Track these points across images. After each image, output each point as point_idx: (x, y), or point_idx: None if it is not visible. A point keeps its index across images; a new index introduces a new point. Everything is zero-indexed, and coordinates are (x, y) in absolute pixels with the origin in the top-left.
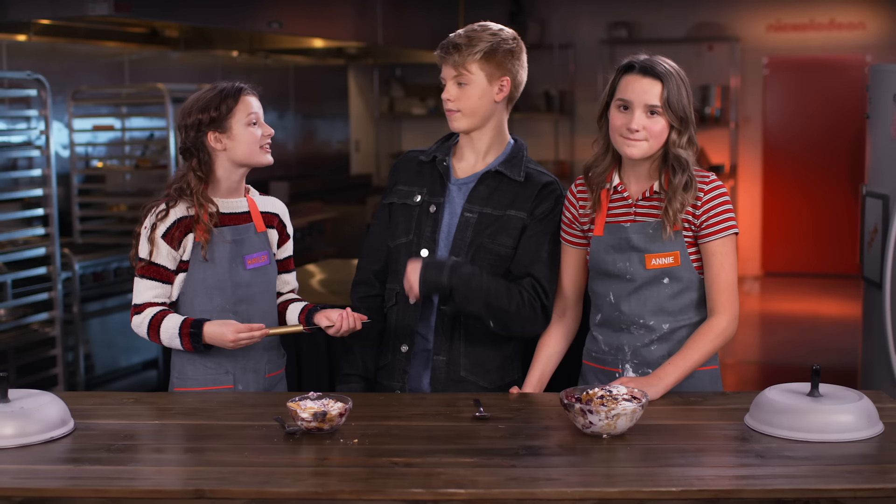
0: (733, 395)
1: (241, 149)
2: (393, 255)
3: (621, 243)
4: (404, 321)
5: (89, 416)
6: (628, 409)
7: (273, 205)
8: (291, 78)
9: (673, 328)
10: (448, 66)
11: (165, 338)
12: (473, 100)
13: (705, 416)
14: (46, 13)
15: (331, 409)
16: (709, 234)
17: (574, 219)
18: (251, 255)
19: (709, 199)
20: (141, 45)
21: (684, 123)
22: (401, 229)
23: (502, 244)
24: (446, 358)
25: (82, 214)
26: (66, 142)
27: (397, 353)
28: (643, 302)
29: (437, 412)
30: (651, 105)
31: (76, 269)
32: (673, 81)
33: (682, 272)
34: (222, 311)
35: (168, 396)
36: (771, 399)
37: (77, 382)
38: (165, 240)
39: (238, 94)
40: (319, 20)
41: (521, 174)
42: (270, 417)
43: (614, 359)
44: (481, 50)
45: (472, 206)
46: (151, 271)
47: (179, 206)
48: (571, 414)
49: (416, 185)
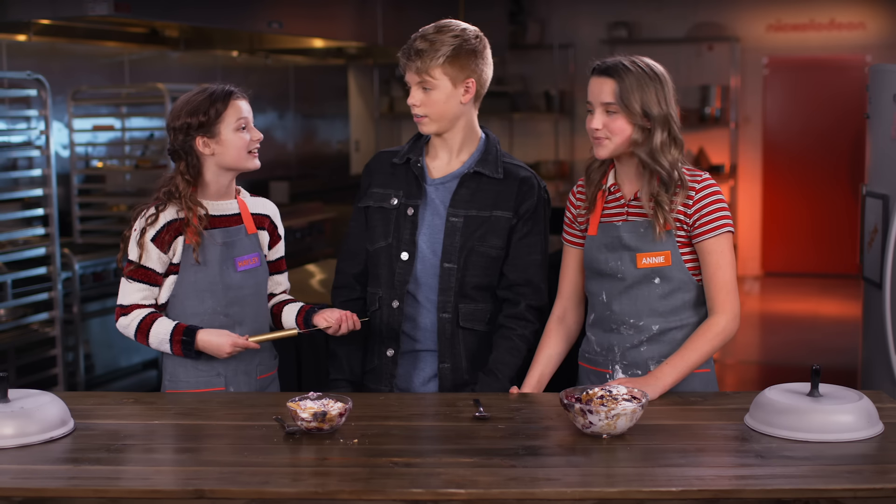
0: (733, 395)
1: (230, 154)
2: (373, 259)
3: (613, 242)
4: (388, 325)
5: (89, 416)
6: (628, 410)
7: (264, 206)
8: (291, 78)
9: (663, 329)
10: (411, 71)
11: (154, 342)
12: (440, 104)
13: (705, 416)
14: (46, 13)
15: (331, 409)
16: (702, 234)
17: (575, 218)
18: (242, 257)
19: (700, 197)
20: (141, 45)
21: (655, 122)
22: (379, 233)
23: (493, 245)
24: (450, 364)
25: (82, 214)
26: (66, 142)
27: (383, 358)
28: (633, 301)
29: (437, 412)
30: (605, 103)
31: (76, 268)
32: (630, 78)
33: (673, 272)
34: (213, 313)
35: (167, 397)
36: (771, 399)
37: (77, 382)
38: (155, 243)
39: (227, 99)
40: (319, 20)
41: (500, 170)
42: (270, 417)
43: (605, 359)
44: (444, 54)
45: (456, 211)
46: (140, 274)
47: (169, 210)
48: (571, 414)
49: (391, 188)
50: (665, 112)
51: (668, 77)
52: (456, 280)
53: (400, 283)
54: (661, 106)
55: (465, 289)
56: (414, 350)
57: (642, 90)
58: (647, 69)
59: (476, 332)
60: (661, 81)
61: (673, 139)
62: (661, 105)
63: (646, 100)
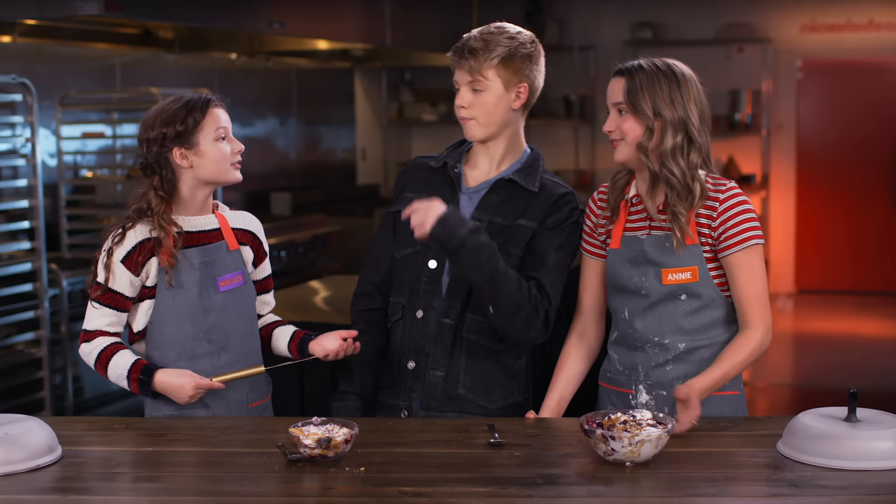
0: (765, 420)
1: (210, 166)
2: (399, 266)
3: (637, 256)
4: (410, 336)
5: (78, 442)
6: (653, 436)
7: (246, 221)
8: (294, 82)
9: (690, 348)
10: (462, 70)
11: (113, 376)
12: (489, 107)
13: (735, 443)
14: (32, 13)
15: (335, 436)
16: (729, 247)
17: (595, 227)
18: (224, 277)
19: (725, 208)
20: (133, 46)
21: (668, 124)
22: (407, 239)
23: (510, 254)
24: (444, 373)
25: (71, 227)
26: (53, 150)
27: (403, 371)
28: (658, 319)
29: (449, 438)
30: (616, 102)
31: (64, 285)
32: (641, 76)
33: (700, 288)
34: (195, 339)
35: (161, 422)
36: (805, 424)
37: (65, 407)
38: (126, 265)
39: (206, 107)
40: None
41: (536, 184)
42: (271, 444)
43: (628, 379)
44: (499, 55)
45: (480, 215)
46: (107, 298)
47: (140, 228)
48: (592, 440)
49: (423, 193)
50: (680, 114)
51: (695, 78)
52: (466, 288)
53: (426, 292)
54: (675, 106)
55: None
56: None
57: (653, 89)
58: (662, 67)
59: (481, 345)
60: (679, 80)
61: (690, 143)
62: (675, 105)
63: (657, 99)
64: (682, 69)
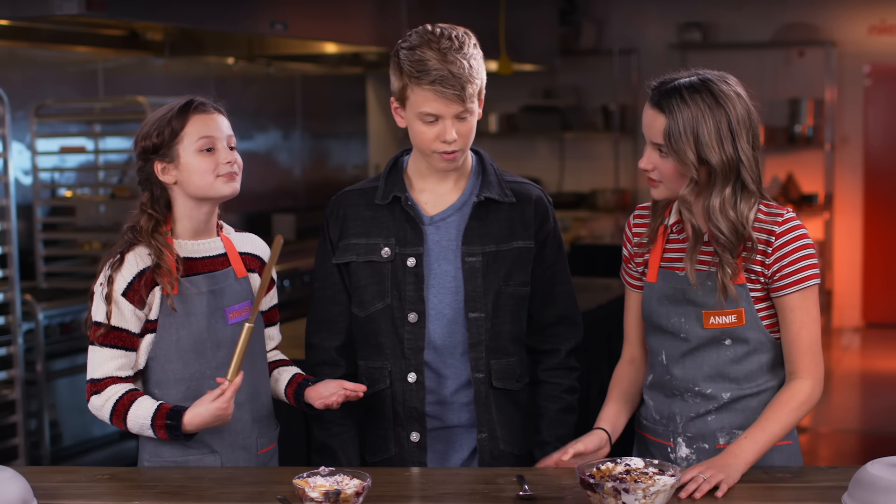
0: (828, 469)
1: (193, 181)
2: (367, 326)
3: (676, 294)
4: (409, 404)
5: (55, 495)
6: (667, 485)
7: (253, 244)
8: (298, 90)
9: (736, 397)
10: (454, 103)
11: (135, 427)
12: (472, 133)
13: (795, 496)
14: (5, 13)
15: (346, 488)
16: (783, 287)
17: (631, 257)
18: (233, 308)
19: (782, 243)
20: (118, 50)
21: (717, 173)
22: (371, 293)
23: (521, 283)
24: (487, 434)
25: (47, 254)
26: (27, 166)
27: (405, 444)
28: (699, 366)
29: (474, 491)
30: (656, 143)
31: (40, 318)
32: (685, 115)
33: (747, 332)
34: (201, 378)
35: (149, 472)
36: (874, 475)
37: (41, 455)
38: (128, 297)
39: (185, 114)
40: (332, 21)
41: (508, 192)
42: (273, 497)
43: (665, 430)
44: (484, 71)
45: (471, 248)
46: (113, 338)
47: (140, 253)
48: (598, 495)
49: (375, 236)
50: (730, 154)
51: (744, 95)
52: (486, 331)
53: (413, 350)
54: (723, 146)
55: (497, 340)
56: (444, 427)
57: (698, 129)
58: (707, 99)
59: (508, 392)
60: (729, 113)
61: (742, 189)
62: (723, 145)
63: (702, 143)
64: (734, 89)
